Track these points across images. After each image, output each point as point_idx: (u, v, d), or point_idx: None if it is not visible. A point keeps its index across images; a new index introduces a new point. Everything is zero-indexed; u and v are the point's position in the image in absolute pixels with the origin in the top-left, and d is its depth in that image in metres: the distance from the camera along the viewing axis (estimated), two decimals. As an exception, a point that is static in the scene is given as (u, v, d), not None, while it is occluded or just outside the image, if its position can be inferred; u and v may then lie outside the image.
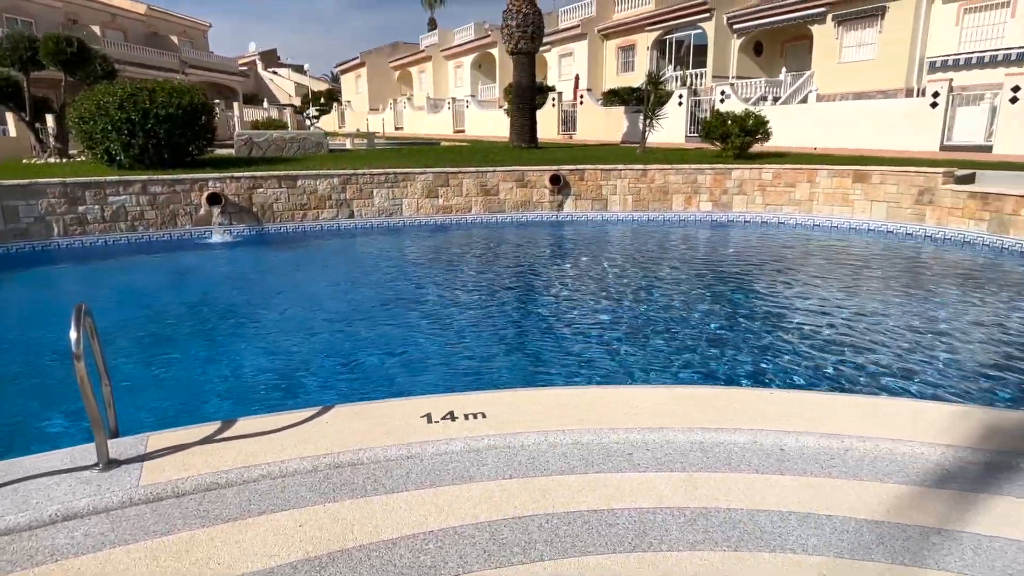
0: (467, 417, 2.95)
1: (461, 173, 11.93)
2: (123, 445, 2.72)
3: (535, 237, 10.84)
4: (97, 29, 33.08)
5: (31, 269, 8.67)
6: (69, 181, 9.74)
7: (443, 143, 23.55)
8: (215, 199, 10.41)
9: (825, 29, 23.49)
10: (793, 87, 22.91)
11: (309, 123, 28.70)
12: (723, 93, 20.51)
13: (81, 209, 9.75)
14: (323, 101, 48.00)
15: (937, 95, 15.83)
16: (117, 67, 27.77)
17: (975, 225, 9.46)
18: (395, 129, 38.80)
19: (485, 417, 2.95)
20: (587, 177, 12.28)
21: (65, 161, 14.67)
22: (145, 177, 10.21)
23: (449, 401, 3.18)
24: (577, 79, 31.31)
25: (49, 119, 17.46)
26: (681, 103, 21.64)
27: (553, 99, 27.52)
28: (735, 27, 26.35)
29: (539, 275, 8.32)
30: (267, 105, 39.84)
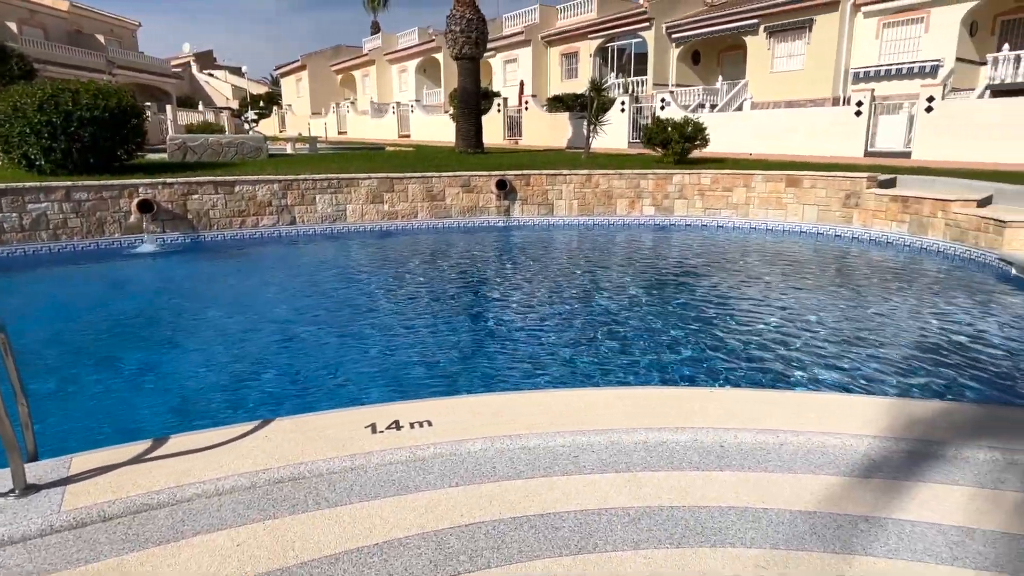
0: (413, 426, 2.92)
1: (406, 178, 11.82)
2: (43, 469, 2.55)
3: (482, 242, 10.84)
4: (13, 25, 31.23)
5: (-60, 282, 8.05)
6: (-17, 187, 9.12)
7: (388, 148, 23.28)
8: (146, 206, 9.95)
9: (758, 40, 24.53)
10: (729, 95, 23.82)
11: (248, 127, 27.84)
12: (663, 100, 21.09)
13: (-3, 217, 9.14)
14: (262, 104, 46.72)
15: (861, 104, 16.76)
16: (37, 66, 26.25)
17: (897, 227, 10.05)
18: (339, 134, 38.13)
19: (431, 425, 2.92)
20: (533, 182, 12.38)
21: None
22: (69, 183, 9.65)
23: (395, 410, 3.14)
24: (522, 85, 31.59)
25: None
26: (623, 110, 22.14)
27: (499, 104, 27.65)
28: (674, 36, 27.19)
29: (486, 281, 8.32)
30: (203, 108, 38.43)
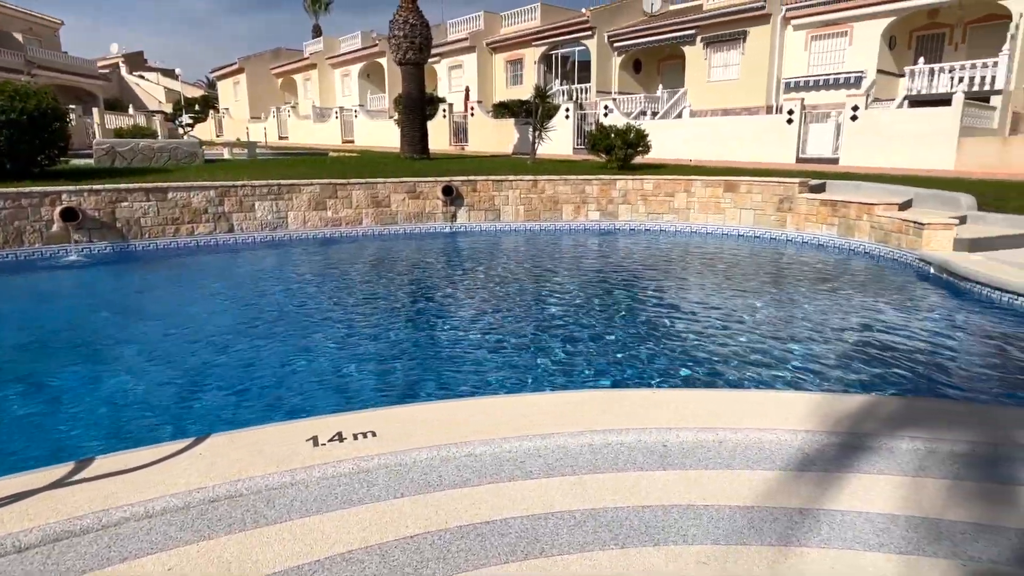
0: (356, 437, 2.85)
1: (350, 184, 11.61)
2: (-51, 498, 2.36)
3: (429, 249, 10.75)
4: (-82, 22, 29.08)
5: None
6: None
7: (332, 153, 22.84)
8: (70, 214, 9.41)
9: (695, 50, 25.38)
10: (669, 103, 24.50)
11: (182, 131, 26.72)
12: (606, 107, 21.52)
13: (-100, 227, 8.46)
14: (198, 108, 44.96)
15: (792, 112, 17.56)
16: (-54, 65, 24.48)
17: (827, 229, 10.55)
18: (279, 138, 37.17)
19: (376, 436, 2.86)
20: (480, 188, 12.38)
21: None
22: (-18, 190, 9.04)
23: (337, 421, 3.06)
24: (468, 91, 31.62)
25: None
26: (568, 116, 22.47)
27: (444, 110, 27.58)
28: (615, 45, 27.80)
29: (432, 287, 8.25)
30: (133, 111, 36.70)
